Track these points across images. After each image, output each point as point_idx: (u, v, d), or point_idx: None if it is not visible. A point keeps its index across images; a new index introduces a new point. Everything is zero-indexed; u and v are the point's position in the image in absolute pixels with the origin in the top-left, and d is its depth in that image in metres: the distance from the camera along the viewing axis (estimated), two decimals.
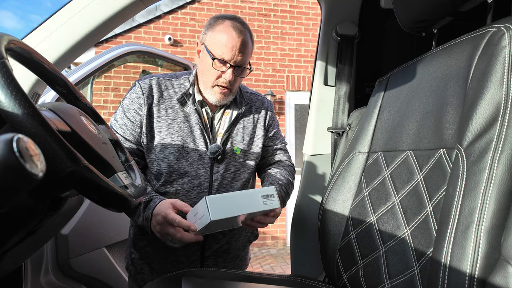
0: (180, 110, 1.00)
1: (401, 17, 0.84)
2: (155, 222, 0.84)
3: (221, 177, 0.99)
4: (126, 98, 1.00)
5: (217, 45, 0.93)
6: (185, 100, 1.00)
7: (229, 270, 0.88)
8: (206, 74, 0.98)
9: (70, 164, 0.42)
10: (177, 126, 0.98)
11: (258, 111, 1.11)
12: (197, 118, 0.99)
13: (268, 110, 1.13)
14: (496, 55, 0.57)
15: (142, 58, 2.13)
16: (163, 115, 0.98)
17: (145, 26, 4.33)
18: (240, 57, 0.94)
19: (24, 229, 0.47)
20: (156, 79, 1.02)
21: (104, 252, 1.50)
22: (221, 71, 0.95)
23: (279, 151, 1.15)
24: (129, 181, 0.65)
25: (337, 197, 0.90)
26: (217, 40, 0.94)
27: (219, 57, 0.93)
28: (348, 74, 1.24)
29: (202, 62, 0.99)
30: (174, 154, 0.96)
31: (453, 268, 0.51)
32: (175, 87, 1.02)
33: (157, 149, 0.97)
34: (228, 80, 0.96)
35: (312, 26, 4.78)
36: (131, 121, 0.97)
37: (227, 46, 0.92)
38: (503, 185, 0.50)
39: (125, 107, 0.99)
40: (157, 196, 0.91)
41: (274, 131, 1.14)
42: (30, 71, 0.57)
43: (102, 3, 0.85)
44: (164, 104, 0.99)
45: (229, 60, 0.94)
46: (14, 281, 0.93)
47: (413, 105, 0.77)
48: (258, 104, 1.13)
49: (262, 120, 1.11)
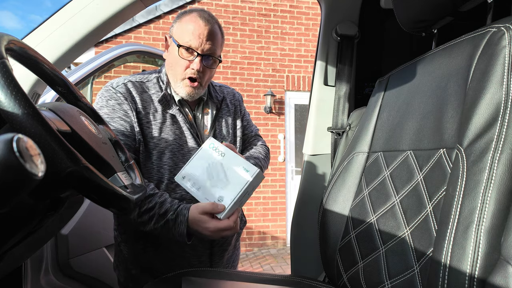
0: (164, 112, 0.96)
1: (401, 17, 0.84)
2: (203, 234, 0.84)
3: None
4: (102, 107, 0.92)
5: (184, 34, 0.91)
6: (167, 102, 0.97)
7: (229, 270, 0.88)
8: (174, 66, 0.94)
9: (70, 164, 0.42)
10: (168, 129, 0.95)
11: (232, 102, 1.13)
12: (183, 118, 0.97)
13: (240, 101, 1.16)
14: (496, 55, 0.57)
15: (142, 58, 2.13)
16: (151, 120, 0.94)
17: (145, 26, 4.33)
18: (208, 46, 0.91)
19: (24, 229, 0.47)
20: (130, 82, 0.97)
21: (104, 252, 1.50)
22: (189, 60, 0.92)
23: (254, 136, 1.18)
24: (129, 181, 0.65)
25: (337, 197, 0.90)
26: (183, 30, 0.92)
27: (185, 45, 0.91)
28: (348, 74, 1.24)
29: (170, 54, 0.96)
30: (173, 159, 0.94)
31: (453, 268, 0.51)
32: (151, 89, 0.98)
33: (154, 156, 0.93)
34: (196, 70, 0.92)
35: (312, 26, 4.78)
36: (120, 130, 0.90)
37: (194, 33, 0.90)
38: (503, 185, 0.50)
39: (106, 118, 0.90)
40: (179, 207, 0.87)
41: (247, 119, 1.17)
42: (30, 71, 0.57)
43: (102, 3, 0.85)
44: (149, 108, 0.95)
45: (196, 48, 0.91)
46: (14, 281, 0.93)
47: (413, 105, 0.77)
48: (230, 95, 1.14)
49: (238, 111, 1.13)
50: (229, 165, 0.85)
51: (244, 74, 4.58)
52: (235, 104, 1.13)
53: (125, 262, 1.01)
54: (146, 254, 0.97)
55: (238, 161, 0.85)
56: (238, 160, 0.85)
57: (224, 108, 1.09)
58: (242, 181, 0.82)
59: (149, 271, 0.98)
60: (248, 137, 1.16)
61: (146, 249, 0.97)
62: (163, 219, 0.85)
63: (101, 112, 0.92)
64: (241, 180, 0.82)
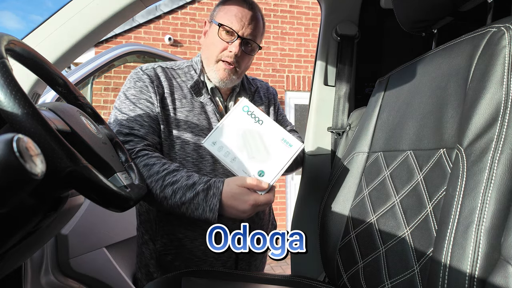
0: (193, 100, 0.92)
1: (401, 17, 0.84)
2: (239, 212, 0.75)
3: None
4: (130, 87, 0.89)
5: (226, 15, 0.88)
6: (199, 89, 0.93)
7: (229, 270, 0.88)
8: (210, 47, 0.90)
9: (70, 164, 0.42)
10: (195, 118, 0.90)
11: (265, 95, 1.10)
12: (213, 107, 0.93)
13: (274, 94, 1.13)
14: (496, 55, 0.57)
15: (142, 58, 2.13)
16: (178, 106, 0.90)
17: (145, 26, 4.32)
18: (249, 30, 0.88)
19: (24, 229, 0.47)
20: (160, 67, 0.94)
21: (104, 252, 1.50)
22: (227, 42, 0.88)
23: (290, 131, 1.14)
24: (129, 181, 0.65)
25: (337, 197, 0.90)
26: (226, 12, 0.89)
27: (226, 25, 0.87)
28: (348, 74, 1.24)
29: (208, 37, 0.93)
30: (198, 152, 0.89)
31: (453, 268, 0.51)
32: (181, 76, 0.95)
33: (177, 146, 0.88)
34: (234, 54, 0.88)
35: (312, 26, 4.78)
36: (146, 112, 0.86)
37: (237, 16, 0.87)
38: (503, 185, 0.50)
39: (133, 99, 0.87)
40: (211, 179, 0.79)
41: (282, 114, 1.14)
42: (30, 71, 0.57)
43: (102, 3, 0.85)
44: (177, 94, 0.91)
45: (237, 31, 0.87)
46: (14, 281, 0.93)
47: (413, 105, 0.77)
48: (264, 88, 1.11)
49: (271, 104, 1.10)
50: (268, 135, 0.75)
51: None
52: (269, 98, 1.10)
53: (147, 266, 0.96)
54: (168, 258, 0.92)
55: (279, 132, 0.75)
56: (279, 131, 0.75)
57: (257, 100, 1.06)
58: (285, 156, 0.73)
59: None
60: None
61: (167, 253, 0.92)
62: (192, 192, 0.75)
63: (128, 93, 0.89)
64: (284, 154, 0.73)
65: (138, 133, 0.84)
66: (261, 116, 0.77)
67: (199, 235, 0.91)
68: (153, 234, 0.94)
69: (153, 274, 0.95)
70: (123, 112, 0.87)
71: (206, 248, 0.89)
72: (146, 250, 0.96)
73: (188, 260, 0.92)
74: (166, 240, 0.92)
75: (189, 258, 0.92)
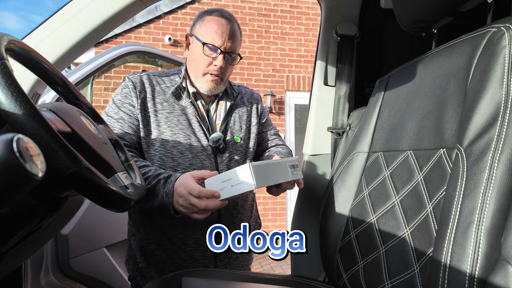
0: (175, 103, 1.00)
1: (401, 17, 0.84)
2: (177, 195, 0.81)
3: (227, 167, 1.00)
4: (117, 94, 0.99)
5: (208, 33, 0.96)
6: (180, 94, 1.01)
7: (229, 270, 0.88)
8: (197, 62, 0.99)
9: (71, 165, 0.42)
10: (176, 119, 0.98)
11: (249, 101, 1.15)
12: (194, 110, 1.00)
13: (258, 100, 1.18)
14: (496, 55, 0.57)
15: (142, 58, 2.12)
16: (159, 108, 0.98)
17: (145, 26, 4.32)
18: (230, 44, 0.97)
19: (24, 229, 0.47)
20: (146, 75, 1.03)
21: (104, 252, 1.50)
22: (212, 57, 0.97)
23: (273, 136, 1.18)
24: (129, 181, 0.65)
25: (337, 197, 0.90)
26: (207, 28, 0.97)
27: (209, 43, 0.95)
28: (348, 74, 1.24)
29: (192, 51, 1.01)
30: (177, 148, 0.96)
31: (453, 268, 0.51)
32: (166, 83, 1.03)
33: (157, 144, 0.96)
34: (219, 67, 0.97)
35: (312, 26, 4.78)
36: (127, 114, 0.96)
37: (217, 32, 0.95)
38: (503, 185, 0.50)
39: (118, 103, 0.97)
40: (175, 172, 0.88)
41: (265, 118, 1.18)
42: (30, 71, 0.57)
43: (102, 3, 0.85)
44: (159, 98, 0.99)
45: (219, 46, 0.96)
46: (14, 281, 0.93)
47: (413, 105, 0.77)
48: (248, 95, 1.17)
49: (254, 109, 1.14)
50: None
51: (244, 74, 4.58)
52: (252, 102, 1.15)
53: (134, 256, 1.03)
54: (151, 247, 0.99)
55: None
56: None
57: (239, 104, 1.11)
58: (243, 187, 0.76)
59: (154, 265, 1.00)
60: (267, 134, 1.17)
61: (150, 241, 0.98)
62: (155, 179, 0.85)
63: (116, 98, 0.98)
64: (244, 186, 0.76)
65: (117, 133, 0.93)
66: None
67: (179, 224, 0.96)
68: (138, 224, 1.01)
69: (139, 264, 1.01)
70: (108, 115, 0.97)
71: (185, 236, 0.96)
72: (133, 242, 1.03)
73: (168, 250, 0.97)
74: (148, 229, 0.99)
75: (169, 247, 0.97)
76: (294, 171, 0.86)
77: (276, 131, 1.21)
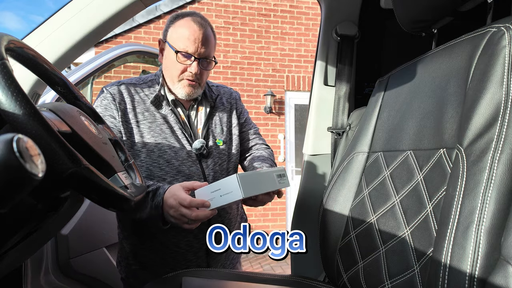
0: (156, 112, 0.99)
1: (401, 17, 0.84)
2: (167, 207, 0.82)
3: (213, 171, 1.01)
4: (97, 106, 0.98)
5: (180, 39, 0.95)
6: (159, 102, 1.00)
7: (229, 270, 0.88)
8: (171, 69, 0.98)
9: (72, 165, 0.42)
10: (158, 128, 0.98)
11: (228, 101, 1.14)
12: (175, 118, 1.00)
13: (237, 99, 1.17)
14: (496, 55, 0.57)
15: (142, 58, 2.12)
16: (141, 119, 0.98)
17: (145, 26, 4.32)
18: (203, 49, 0.96)
19: (24, 229, 0.47)
20: (123, 84, 1.01)
21: (104, 252, 1.50)
22: (186, 64, 0.96)
23: (253, 135, 1.18)
24: (129, 181, 0.65)
25: (337, 197, 0.90)
26: (179, 35, 0.95)
27: (182, 50, 0.94)
28: (348, 74, 1.24)
29: (166, 58, 1.00)
30: (163, 157, 0.96)
31: (453, 268, 0.51)
32: (145, 91, 1.02)
33: (143, 155, 0.95)
34: (194, 73, 0.96)
35: (312, 26, 4.77)
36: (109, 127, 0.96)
37: (190, 39, 0.94)
38: (503, 185, 0.50)
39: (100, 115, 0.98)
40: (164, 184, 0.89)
41: (245, 117, 1.17)
42: (30, 71, 0.57)
43: (102, 3, 0.85)
44: (139, 108, 0.99)
45: (193, 53, 0.95)
46: (14, 281, 0.93)
47: (413, 105, 0.77)
48: (227, 94, 1.15)
49: (234, 109, 1.14)
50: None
51: (244, 74, 4.58)
52: (231, 103, 1.14)
53: (126, 258, 1.03)
54: (144, 249, 0.99)
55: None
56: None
57: (219, 106, 1.10)
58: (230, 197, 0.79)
59: (148, 267, 1.00)
60: (247, 134, 1.16)
61: (144, 244, 0.99)
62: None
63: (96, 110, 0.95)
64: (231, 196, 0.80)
65: None
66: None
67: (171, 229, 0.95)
68: (130, 229, 1.01)
69: (131, 266, 1.02)
70: None
71: (178, 240, 0.96)
72: (126, 245, 1.03)
73: (161, 253, 0.98)
74: (140, 234, 0.99)
75: (162, 251, 0.98)
76: (281, 180, 0.86)
77: (256, 130, 1.20)
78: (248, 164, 1.11)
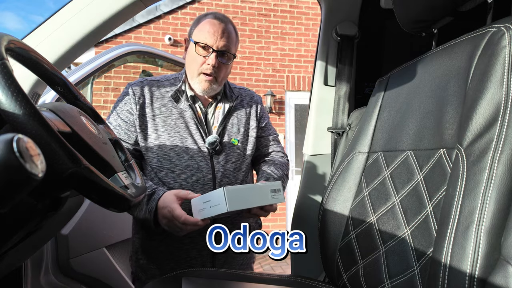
0: (173, 107, 1.03)
1: (401, 17, 0.84)
2: (161, 216, 0.86)
3: (223, 168, 1.01)
4: (118, 100, 1.03)
5: (201, 33, 0.99)
6: (179, 97, 1.04)
7: (229, 270, 0.88)
8: (191, 63, 1.01)
9: (71, 165, 0.42)
10: (173, 123, 1.01)
11: (249, 104, 1.15)
12: (191, 113, 1.02)
13: (258, 103, 1.18)
14: (496, 55, 0.57)
15: (142, 58, 2.12)
16: (157, 113, 1.01)
17: (145, 26, 4.32)
18: (222, 42, 0.98)
19: (24, 229, 0.47)
20: (147, 81, 1.06)
21: (104, 252, 1.50)
22: (204, 56, 0.99)
23: (272, 141, 1.18)
24: (129, 181, 0.65)
25: (337, 197, 0.90)
26: (200, 30, 1.00)
27: (201, 42, 0.98)
28: (348, 74, 1.24)
29: (188, 54, 1.04)
30: (174, 150, 0.98)
31: (453, 268, 0.51)
32: (166, 87, 1.06)
33: (155, 147, 0.99)
34: (212, 65, 0.98)
35: (312, 26, 4.78)
36: (124, 121, 1.00)
37: (209, 32, 0.98)
38: (503, 185, 0.50)
39: (118, 110, 1.02)
40: (159, 188, 0.92)
41: (265, 122, 1.18)
42: (30, 71, 0.57)
43: (102, 3, 0.85)
44: (157, 103, 1.02)
45: (211, 45, 0.97)
46: (14, 281, 0.93)
47: (413, 105, 0.77)
48: (248, 97, 1.17)
49: (254, 112, 1.14)
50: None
51: (244, 74, 4.58)
52: (252, 105, 1.15)
53: (136, 252, 1.06)
54: (152, 244, 1.01)
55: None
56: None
57: (238, 107, 1.12)
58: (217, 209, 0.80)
59: (155, 262, 1.02)
60: (266, 140, 1.17)
61: (151, 239, 1.01)
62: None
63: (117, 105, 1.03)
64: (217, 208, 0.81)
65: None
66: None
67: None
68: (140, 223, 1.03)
69: (140, 260, 1.04)
70: (108, 121, 1.02)
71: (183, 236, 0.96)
72: (136, 239, 1.06)
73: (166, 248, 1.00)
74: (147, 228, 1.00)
75: (166, 246, 1.00)
76: (275, 195, 0.87)
77: (275, 136, 1.21)
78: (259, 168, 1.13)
